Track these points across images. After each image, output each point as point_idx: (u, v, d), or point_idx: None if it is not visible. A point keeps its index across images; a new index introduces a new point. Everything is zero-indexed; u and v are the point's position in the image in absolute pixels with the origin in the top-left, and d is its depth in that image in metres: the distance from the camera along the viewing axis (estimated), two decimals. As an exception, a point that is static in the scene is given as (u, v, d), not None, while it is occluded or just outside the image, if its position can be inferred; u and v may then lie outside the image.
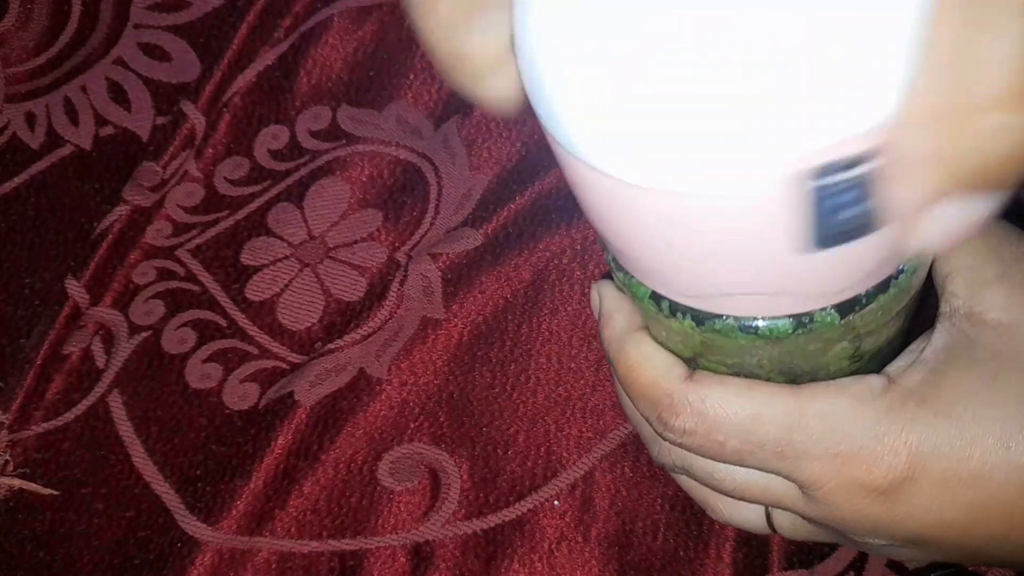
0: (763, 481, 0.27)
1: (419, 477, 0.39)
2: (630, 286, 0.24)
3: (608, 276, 0.27)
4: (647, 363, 0.26)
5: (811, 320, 0.23)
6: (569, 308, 0.40)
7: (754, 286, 0.21)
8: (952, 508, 0.24)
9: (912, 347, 0.26)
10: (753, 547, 0.37)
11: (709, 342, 0.24)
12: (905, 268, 0.23)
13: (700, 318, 0.23)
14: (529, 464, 0.39)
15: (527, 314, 0.40)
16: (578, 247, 0.40)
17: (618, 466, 0.39)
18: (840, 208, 0.18)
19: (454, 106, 0.43)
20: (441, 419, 0.39)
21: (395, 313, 0.41)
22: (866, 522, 0.25)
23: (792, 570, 0.37)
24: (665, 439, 0.27)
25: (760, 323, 0.23)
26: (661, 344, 0.26)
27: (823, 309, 0.22)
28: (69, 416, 0.42)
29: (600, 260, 0.40)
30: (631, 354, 0.26)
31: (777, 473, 0.25)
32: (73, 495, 0.41)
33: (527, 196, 0.42)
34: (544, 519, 0.38)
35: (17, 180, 0.45)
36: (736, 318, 0.23)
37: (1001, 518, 0.24)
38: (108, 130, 0.46)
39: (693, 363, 0.26)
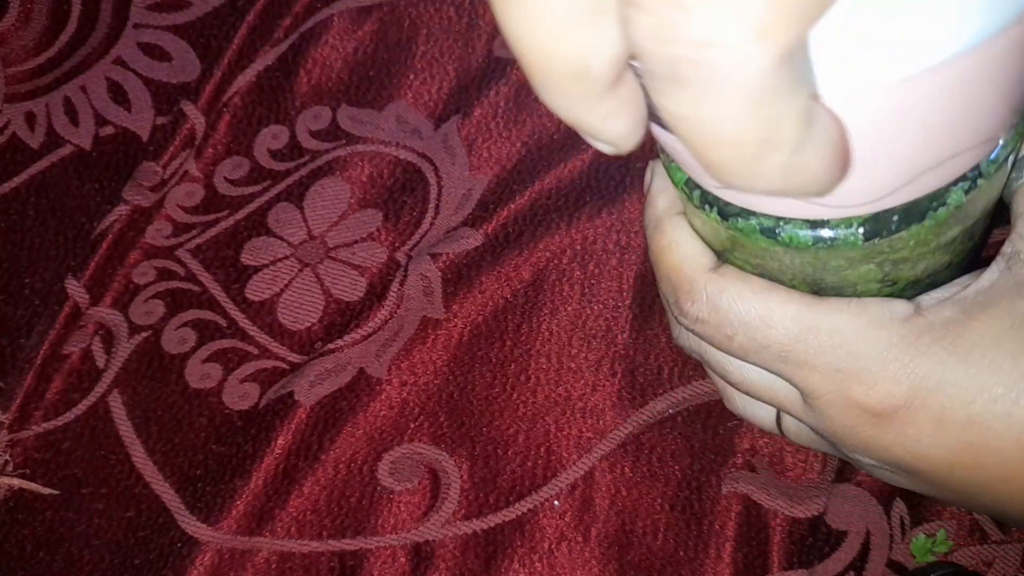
0: (769, 380, 0.27)
1: (419, 477, 0.39)
2: (669, 169, 0.24)
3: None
4: (677, 247, 0.26)
5: (832, 236, 0.22)
6: (569, 308, 0.40)
7: None
8: (942, 446, 0.24)
9: (960, 280, 0.25)
10: (753, 547, 0.38)
11: (735, 239, 0.24)
12: (948, 201, 0.22)
13: (725, 213, 0.23)
14: (529, 464, 0.39)
15: (527, 314, 0.40)
16: (578, 247, 0.40)
17: (618, 466, 0.39)
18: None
19: (454, 106, 0.43)
20: (441, 419, 0.39)
21: (395, 313, 0.42)
22: (856, 440, 0.25)
23: (792, 570, 0.37)
24: (679, 323, 0.27)
25: (780, 230, 0.22)
26: (696, 232, 0.26)
27: (848, 226, 0.22)
28: (69, 416, 0.42)
29: (600, 260, 0.40)
30: (665, 235, 0.27)
31: (780, 376, 0.26)
32: (73, 495, 0.41)
33: (527, 196, 0.42)
34: (544, 519, 0.38)
35: (17, 180, 0.45)
36: (759, 220, 0.23)
37: (992, 467, 0.24)
38: (108, 130, 0.46)
39: (723, 256, 0.26)
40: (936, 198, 0.21)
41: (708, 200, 0.23)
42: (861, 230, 0.22)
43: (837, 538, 0.37)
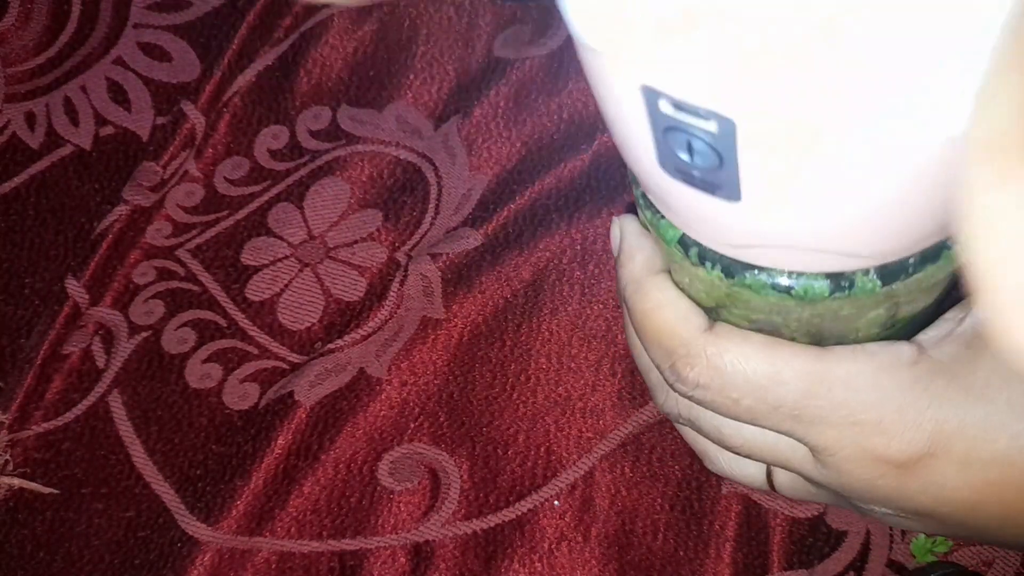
0: (771, 440, 0.25)
1: (419, 477, 0.39)
2: (658, 227, 0.23)
3: (632, 210, 0.25)
4: (666, 309, 0.24)
5: (851, 284, 0.21)
6: (569, 308, 0.40)
7: (793, 236, 0.20)
8: (967, 487, 0.23)
9: (949, 315, 0.25)
10: (753, 547, 0.37)
11: (736, 295, 0.23)
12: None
13: (731, 270, 0.22)
14: (529, 464, 0.39)
15: (527, 314, 0.40)
16: (578, 247, 0.40)
17: (618, 466, 0.39)
18: (679, 145, 0.17)
19: (454, 106, 0.43)
20: (441, 419, 0.39)
21: (395, 313, 0.41)
22: (877, 492, 0.24)
23: (792, 570, 0.37)
24: (675, 390, 0.25)
25: (794, 283, 0.21)
26: (683, 291, 0.25)
27: (866, 273, 0.21)
28: (69, 416, 0.42)
29: (600, 260, 0.40)
30: (650, 297, 0.25)
31: (790, 435, 0.24)
32: (73, 495, 0.41)
33: (527, 196, 0.42)
34: (544, 519, 0.38)
35: (17, 180, 0.45)
36: (769, 274, 0.22)
37: (1015, 502, 0.23)
38: (108, 130, 0.46)
39: (714, 313, 0.25)
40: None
41: (708, 257, 0.22)
42: (879, 276, 0.21)
43: (837, 538, 0.37)
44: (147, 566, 0.39)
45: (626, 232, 0.26)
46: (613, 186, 0.41)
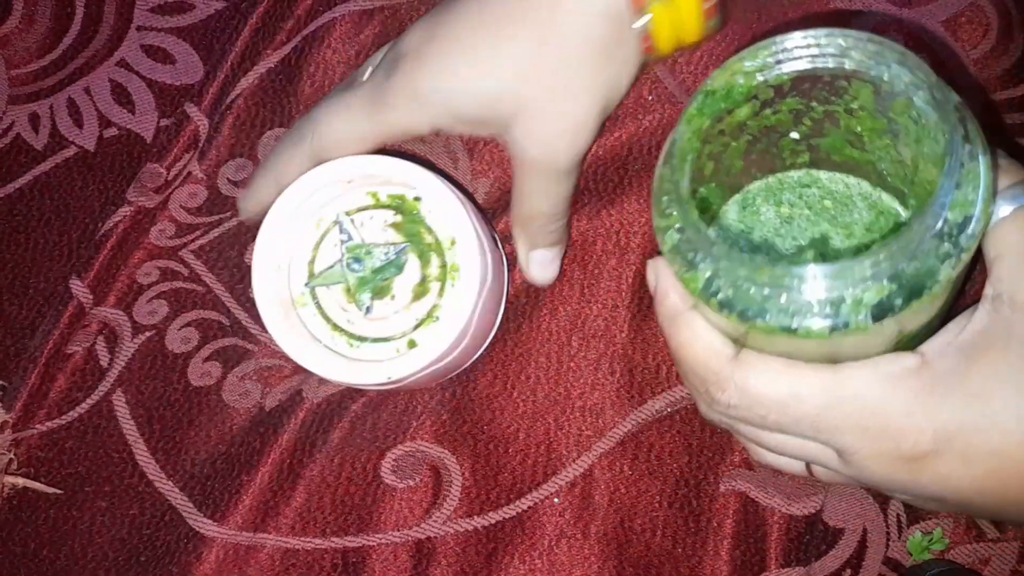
0: (801, 443, 0.29)
1: (421, 475, 0.39)
2: (683, 280, 0.27)
3: (659, 253, 0.29)
4: (697, 342, 0.28)
5: (846, 324, 0.25)
6: (568, 308, 0.40)
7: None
8: (971, 477, 0.26)
9: (952, 325, 0.28)
10: (751, 544, 0.38)
11: (753, 334, 0.27)
12: (940, 278, 0.25)
13: (746, 316, 0.26)
14: (529, 462, 0.39)
15: (527, 314, 0.41)
16: (578, 247, 0.41)
17: (617, 464, 0.39)
18: None
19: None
20: (443, 417, 0.40)
21: (397, 313, 0.42)
22: (894, 484, 0.28)
23: (789, 567, 0.37)
24: (712, 409, 0.30)
25: (798, 325, 0.25)
26: (710, 322, 0.28)
27: (858, 313, 0.25)
28: (73, 415, 0.42)
29: (599, 260, 0.41)
30: (683, 332, 0.29)
31: (815, 440, 0.28)
32: (76, 493, 0.41)
33: (527, 197, 0.42)
34: (544, 516, 0.39)
35: (21, 181, 0.46)
36: (777, 318, 0.25)
37: (1016, 487, 0.27)
38: (112, 131, 0.46)
39: (740, 341, 0.28)
40: (930, 276, 0.25)
41: (726, 304, 0.26)
42: (870, 315, 0.25)
43: (834, 536, 0.38)
44: (153, 563, 0.39)
45: (660, 274, 0.29)
46: (612, 187, 0.41)
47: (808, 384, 0.27)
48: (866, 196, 0.32)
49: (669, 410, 0.39)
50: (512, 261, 0.41)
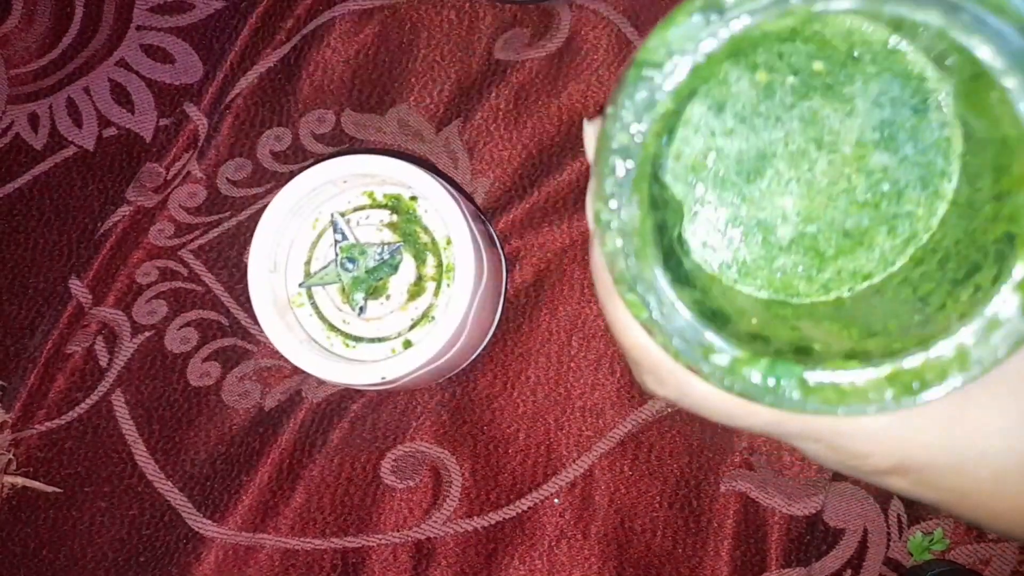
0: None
1: (421, 475, 0.39)
2: (626, 301, 0.23)
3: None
4: (636, 332, 0.25)
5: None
6: (569, 308, 0.40)
7: None
8: (936, 488, 0.27)
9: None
10: (751, 544, 0.38)
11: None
12: None
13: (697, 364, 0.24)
14: (529, 462, 0.39)
15: (527, 314, 0.41)
16: (578, 247, 0.41)
17: (617, 464, 0.39)
18: None
19: (455, 109, 0.43)
20: (443, 418, 0.40)
21: (396, 313, 0.42)
22: (872, 481, 0.27)
23: (790, 567, 0.37)
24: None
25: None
26: None
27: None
28: (72, 415, 0.42)
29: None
30: (620, 314, 0.26)
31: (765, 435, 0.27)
32: (76, 493, 0.41)
33: (528, 198, 0.42)
34: (544, 517, 0.39)
35: (20, 181, 0.46)
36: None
37: (975, 499, 0.27)
38: (111, 131, 0.46)
39: None
40: None
41: (669, 349, 0.23)
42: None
43: (835, 536, 0.38)
44: (152, 563, 0.39)
45: (594, 247, 0.27)
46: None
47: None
48: (876, 51, 0.22)
49: (669, 410, 0.39)
50: (512, 261, 0.40)
